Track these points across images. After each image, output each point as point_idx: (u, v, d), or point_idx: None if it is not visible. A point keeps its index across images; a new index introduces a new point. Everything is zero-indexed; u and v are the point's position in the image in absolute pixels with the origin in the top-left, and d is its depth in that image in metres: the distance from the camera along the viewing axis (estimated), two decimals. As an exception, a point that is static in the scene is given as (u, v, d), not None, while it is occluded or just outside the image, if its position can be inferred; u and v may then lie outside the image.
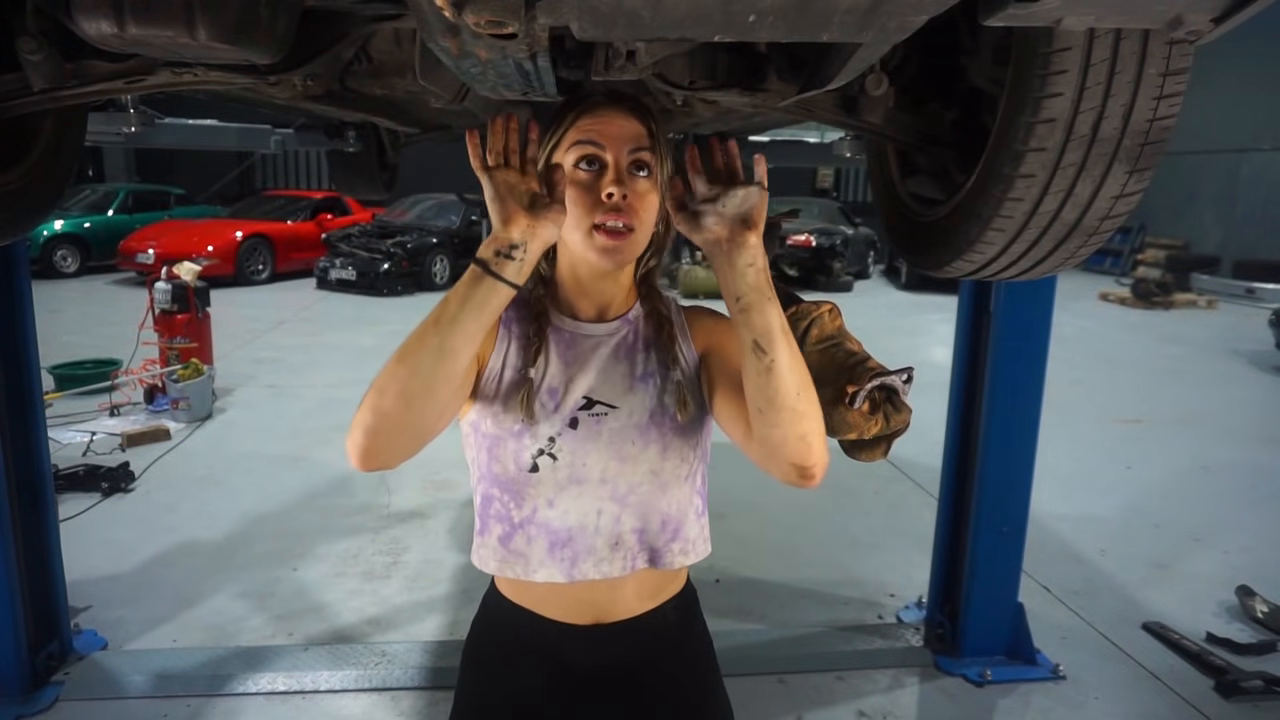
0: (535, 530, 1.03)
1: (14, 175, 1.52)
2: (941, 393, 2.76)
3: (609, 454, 1.02)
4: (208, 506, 3.84)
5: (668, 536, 1.07)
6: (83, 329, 7.57)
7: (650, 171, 1.00)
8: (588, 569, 1.04)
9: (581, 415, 1.02)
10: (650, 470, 1.04)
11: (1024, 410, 2.57)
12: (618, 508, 1.04)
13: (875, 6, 0.78)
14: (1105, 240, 1.33)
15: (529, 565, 1.04)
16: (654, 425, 1.04)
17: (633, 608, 1.09)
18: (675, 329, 1.09)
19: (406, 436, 0.88)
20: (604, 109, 1.01)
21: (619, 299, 1.09)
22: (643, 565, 1.06)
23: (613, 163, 0.99)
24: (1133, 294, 11.44)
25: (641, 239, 1.01)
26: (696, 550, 1.10)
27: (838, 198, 17.10)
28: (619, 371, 1.06)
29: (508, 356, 1.04)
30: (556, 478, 1.02)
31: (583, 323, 1.07)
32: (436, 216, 11.72)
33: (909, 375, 1.14)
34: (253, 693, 2.45)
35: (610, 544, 1.04)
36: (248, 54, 1.06)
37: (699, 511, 1.11)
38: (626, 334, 1.08)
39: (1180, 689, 2.60)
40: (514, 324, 1.06)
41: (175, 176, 15.44)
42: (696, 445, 1.08)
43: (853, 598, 3.13)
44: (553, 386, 1.03)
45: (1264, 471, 4.74)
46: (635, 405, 1.04)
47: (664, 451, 1.04)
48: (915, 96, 1.53)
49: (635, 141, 1.00)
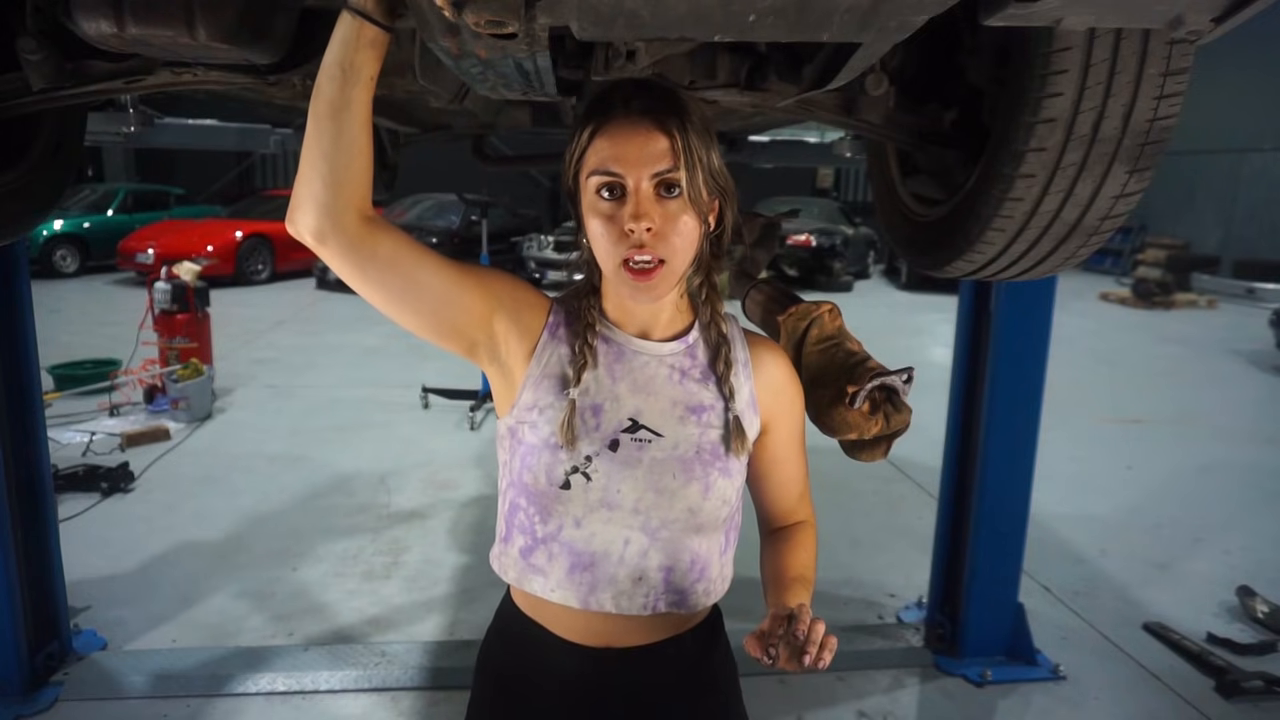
0: (558, 549, 0.98)
1: (14, 175, 1.52)
2: (941, 393, 2.76)
3: (646, 484, 0.96)
4: (208, 506, 3.84)
5: (694, 577, 1.01)
6: (82, 329, 7.57)
7: (681, 189, 0.91)
8: (604, 600, 0.98)
9: (624, 438, 0.96)
10: (688, 508, 0.97)
11: (1024, 410, 2.57)
12: (647, 541, 0.97)
13: (875, 6, 0.78)
14: (1106, 240, 1.32)
15: (547, 583, 0.99)
16: (699, 462, 0.97)
17: (648, 638, 1.03)
18: (736, 360, 1.02)
19: (322, 202, 0.88)
20: (621, 124, 0.91)
21: (666, 315, 1.01)
22: (665, 609, 0.99)
23: (634, 190, 0.90)
24: (1133, 294, 11.44)
25: (678, 266, 0.94)
26: (717, 590, 1.05)
27: (838, 198, 17.09)
28: (670, 397, 0.99)
29: (549, 364, 0.99)
30: (588, 499, 0.96)
31: (634, 338, 1.00)
32: (436, 216, 11.72)
33: (909, 375, 1.14)
34: (253, 693, 2.45)
35: (633, 578, 0.98)
36: (248, 54, 1.06)
37: (722, 549, 1.04)
38: (683, 357, 1.01)
39: (1181, 689, 2.60)
40: (562, 329, 1.01)
41: (175, 176, 15.44)
42: (740, 488, 1.03)
43: (853, 598, 3.13)
44: (596, 403, 0.97)
45: (1264, 471, 4.74)
46: (683, 437, 0.97)
47: (706, 491, 0.97)
48: (915, 96, 1.53)
49: (658, 162, 0.90)
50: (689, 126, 0.91)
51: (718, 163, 0.95)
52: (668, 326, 1.02)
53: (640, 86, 0.94)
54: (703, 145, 0.92)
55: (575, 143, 0.95)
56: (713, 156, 0.94)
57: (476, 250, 5.89)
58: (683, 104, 0.92)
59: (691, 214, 0.92)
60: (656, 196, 0.91)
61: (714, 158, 0.94)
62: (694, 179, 0.91)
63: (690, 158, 0.90)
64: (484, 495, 4.07)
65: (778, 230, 1.68)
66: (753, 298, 1.52)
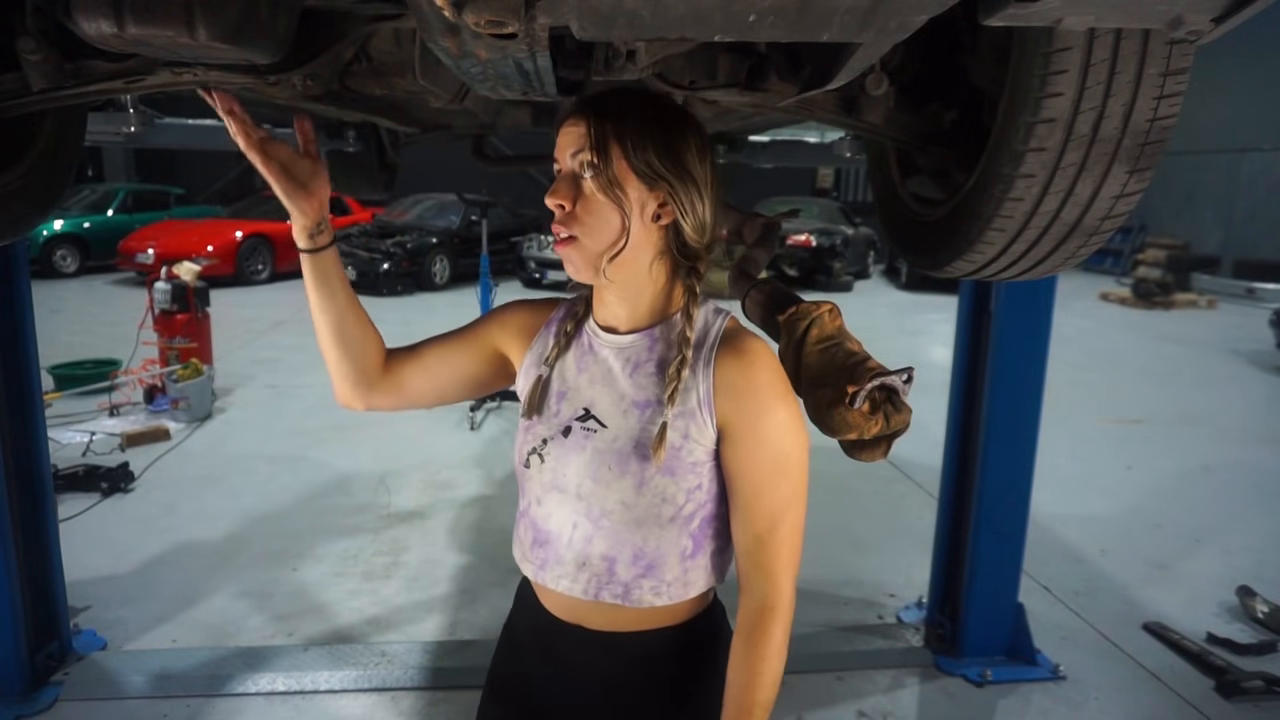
0: (527, 523, 1.08)
1: (14, 175, 1.52)
2: (941, 393, 2.76)
3: (586, 472, 1.00)
4: (207, 506, 3.84)
5: (638, 572, 1.00)
6: (82, 329, 7.57)
7: (596, 169, 0.95)
8: (552, 578, 1.04)
9: (575, 425, 1.02)
10: (621, 501, 0.98)
11: (1024, 410, 2.57)
12: (591, 527, 1.00)
13: (875, 6, 0.78)
14: (1106, 240, 1.32)
15: (522, 553, 1.09)
16: (635, 457, 0.97)
17: (611, 626, 1.04)
18: (698, 360, 0.99)
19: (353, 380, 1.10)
20: (564, 120, 0.99)
21: (640, 311, 1.02)
22: (610, 600, 1.00)
23: (559, 171, 0.99)
24: (1133, 294, 11.45)
25: (590, 245, 0.96)
26: (674, 593, 1.01)
27: (838, 198, 17.10)
28: (619, 390, 1.02)
29: (536, 355, 1.11)
30: (542, 479, 1.04)
31: (602, 331, 1.06)
32: (436, 216, 11.72)
33: (909, 375, 1.14)
34: (253, 693, 2.45)
35: (578, 562, 1.01)
36: (248, 54, 1.05)
37: (686, 553, 1.01)
38: (640, 350, 1.02)
39: (1180, 689, 2.60)
40: (556, 324, 1.11)
41: (175, 176, 15.45)
42: (695, 489, 0.99)
43: (853, 598, 3.13)
44: (561, 390, 1.06)
45: (1264, 471, 4.74)
46: (623, 430, 0.99)
47: (639, 486, 0.97)
48: (915, 96, 1.52)
49: (576, 144, 0.96)
50: (614, 115, 0.95)
51: (657, 157, 0.95)
52: (639, 321, 1.03)
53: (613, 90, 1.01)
54: (634, 134, 0.95)
55: None
56: (648, 149, 0.95)
57: (476, 250, 5.88)
58: (624, 99, 0.97)
59: (608, 196, 0.95)
60: (576, 178, 0.97)
61: (650, 151, 0.95)
62: (607, 162, 0.94)
63: (603, 141, 0.94)
64: (484, 495, 4.07)
65: (778, 230, 1.67)
66: (753, 298, 1.52)
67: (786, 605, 0.97)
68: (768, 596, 0.97)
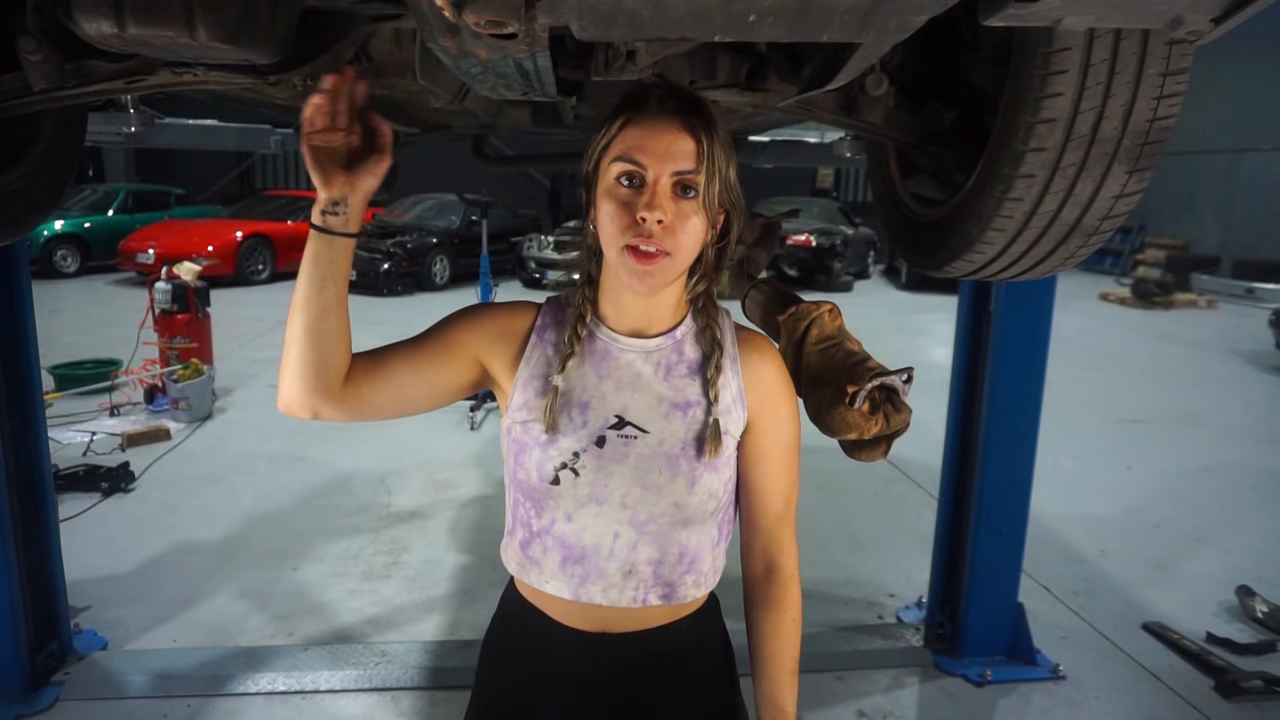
0: (551, 542, 1.02)
1: (14, 175, 1.52)
2: (941, 393, 2.76)
3: (633, 480, 0.99)
4: (208, 506, 3.84)
5: (684, 569, 1.03)
6: (83, 329, 7.57)
7: (697, 193, 0.93)
8: (594, 592, 1.01)
9: (610, 434, 0.99)
10: (674, 503, 0.99)
11: (1024, 410, 2.57)
12: (635, 534, 1.00)
13: (875, 6, 0.78)
14: (1105, 240, 1.33)
15: (542, 574, 1.04)
16: (684, 458, 0.99)
17: (642, 624, 1.05)
18: (725, 359, 1.03)
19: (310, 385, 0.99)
20: (653, 119, 0.94)
21: (663, 316, 1.03)
22: (655, 602, 1.02)
23: (652, 183, 0.93)
24: (1133, 294, 11.45)
25: (679, 263, 0.96)
26: (709, 581, 1.07)
27: (838, 198, 17.09)
28: (655, 393, 1.01)
29: (537, 364, 1.03)
30: (577, 494, 0.99)
31: (621, 335, 1.03)
32: (436, 216, 11.72)
33: (909, 375, 1.14)
34: (253, 693, 2.45)
35: (623, 571, 1.01)
36: (248, 54, 1.06)
37: (715, 542, 1.06)
38: (669, 353, 1.03)
39: (1180, 689, 2.60)
40: (549, 329, 1.05)
41: (175, 176, 15.45)
42: (730, 480, 1.04)
43: (853, 598, 3.13)
44: (583, 400, 1.00)
45: (1264, 471, 4.74)
46: (668, 433, 0.99)
47: (692, 486, 0.99)
48: (915, 96, 1.53)
49: (681, 162, 0.92)
50: (715, 136, 0.95)
51: (733, 177, 0.98)
52: (661, 324, 1.04)
53: (676, 90, 0.97)
54: (724, 157, 0.96)
55: (605, 130, 0.97)
56: (730, 170, 0.97)
57: (476, 250, 5.87)
58: (712, 115, 0.96)
59: (702, 218, 0.95)
60: (673, 194, 0.94)
61: (731, 172, 0.97)
62: (711, 186, 0.94)
63: (711, 165, 0.94)
64: (484, 495, 4.07)
65: (778, 230, 1.68)
66: (753, 298, 1.52)
67: (798, 572, 1.11)
68: (786, 567, 1.09)
